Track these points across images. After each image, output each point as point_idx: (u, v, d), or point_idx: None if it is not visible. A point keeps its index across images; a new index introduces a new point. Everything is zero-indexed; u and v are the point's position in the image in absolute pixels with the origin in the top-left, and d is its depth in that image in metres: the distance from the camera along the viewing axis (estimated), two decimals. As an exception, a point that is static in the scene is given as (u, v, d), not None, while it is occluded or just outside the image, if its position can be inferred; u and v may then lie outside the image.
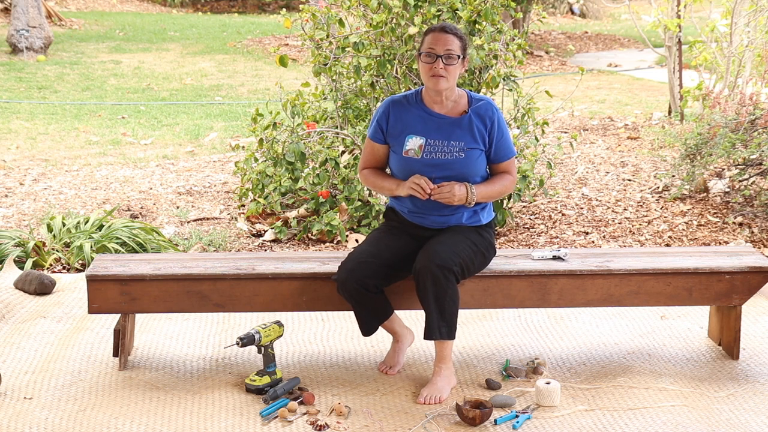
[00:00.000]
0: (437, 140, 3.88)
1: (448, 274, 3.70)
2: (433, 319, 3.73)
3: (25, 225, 6.11)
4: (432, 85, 3.84)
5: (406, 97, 3.98)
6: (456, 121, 3.89)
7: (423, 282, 3.72)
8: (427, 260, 3.72)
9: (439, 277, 3.69)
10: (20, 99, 10.99)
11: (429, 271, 3.70)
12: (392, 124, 3.94)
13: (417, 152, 3.87)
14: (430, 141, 3.87)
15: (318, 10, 6.25)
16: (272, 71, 13.41)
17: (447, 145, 3.87)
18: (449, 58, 3.81)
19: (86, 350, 4.24)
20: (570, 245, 5.80)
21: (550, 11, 20.15)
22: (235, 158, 7.79)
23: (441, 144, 3.87)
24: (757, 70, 8.19)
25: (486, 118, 3.91)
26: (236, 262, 4.09)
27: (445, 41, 3.81)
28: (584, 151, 8.14)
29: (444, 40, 3.82)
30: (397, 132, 3.93)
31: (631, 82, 12.74)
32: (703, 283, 4.03)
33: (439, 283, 3.70)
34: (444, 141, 3.87)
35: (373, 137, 3.99)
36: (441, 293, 3.71)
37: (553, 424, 3.57)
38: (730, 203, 6.38)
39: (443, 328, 3.74)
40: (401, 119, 3.93)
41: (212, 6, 23.39)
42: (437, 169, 3.87)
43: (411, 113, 3.93)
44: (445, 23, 3.95)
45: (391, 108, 3.96)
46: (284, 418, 3.58)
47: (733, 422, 3.58)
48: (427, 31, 3.89)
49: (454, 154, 3.87)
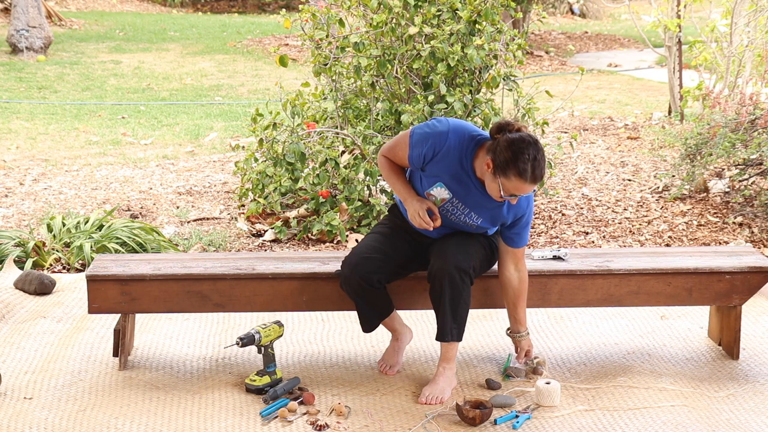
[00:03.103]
0: (461, 205, 3.74)
1: (464, 277, 3.69)
2: (447, 320, 3.73)
3: (25, 225, 6.11)
4: (493, 196, 3.61)
5: (464, 146, 3.65)
6: (490, 200, 3.68)
7: (440, 284, 3.70)
8: (444, 262, 3.70)
9: (456, 280, 3.68)
10: (20, 99, 10.98)
11: (447, 273, 3.68)
12: (435, 163, 3.69)
13: (437, 202, 3.74)
14: (454, 201, 3.74)
15: (318, 10, 6.25)
16: (272, 71, 13.41)
17: (467, 214, 3.75)
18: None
19: (86, 350, 4.24)
20: (570, 245, 5.80)
21: (550, 11, 20.14)
22: (235, 158, 7.79)
23: (462, 210, 3.75)
24: (757, 70, 8.19)
25: (518, 212, 3.76)
26: (236, 262, 4.09)
27: (528, 189, 3.55)
28: (584, 151, 8.14)
29: (528, 189, 3.55)
30: (433, 173, 3.71)
31: (631, 82, 12.74)
32: (703, 283, 4.03)
33: (456, 286, 3.69)
34: (466, 209, 3.74)
35: (413, 161, 3.71)
36: (456, 296, 3.70)
37: (553, 424, 3.57)
38: (730, 203, 6.38)
39: (454, 330, 3.75)
40: (445, 165, 3.68)
41: (212, 6, 23.38)
42: (451, 223, 3.80)
43: (457, 167, 3.67)
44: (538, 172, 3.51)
45: (444, 149, 3.65)
46: (284, 418, 3.58)
47: (733, 422, 3.58)
48: (518, 172, 3.48)
49: (468, 224, 3.78)
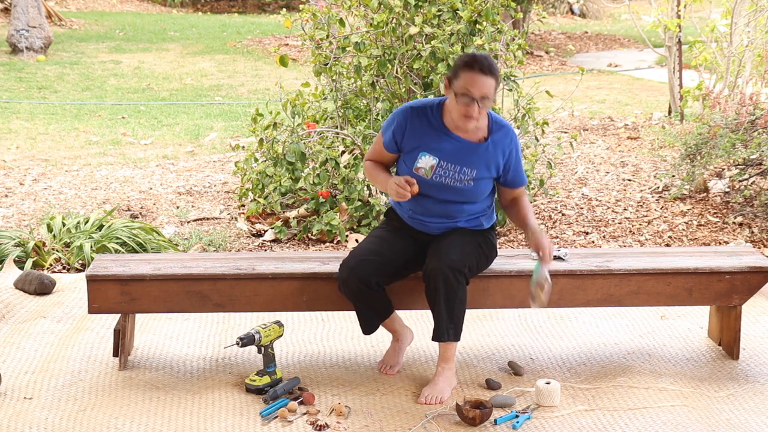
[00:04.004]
0: (450, 164, 3.75)
1: (459, 276, 3.69)
2: (442, 320, 3.73)
3: (25, 225, 6.11)
4: (461, 123, 3.68)
5: (427, 109, 3.78)
6: (474, 147, 3.75)
7: (434, 283, 3.70)
8: (438, 262, 3.70)
9: (450, 279, 3.68)
10: (20, 99, 10.98)
11: (441, 272, 3.67)
12: (408, 138, 3.78)
13: (427, 172, 3.75)
14: (442, 163, 3.75)
15: (319, 10, 6.26)
16: (272, 71, 13.41)
17: (459, 171, 3.75)
18: (484, 100, 3.63)
19: (86, 350, 4.24)
20: (570, 245, 5.80)
21: (550, 11, 20.15)
22: (235, 158, 7.79)
23: (453, 168, 3.75)
24: (757, 70, 8.19)
25: (504, 148, 3.79)
26: (236, 262, 4.08)
27: (482, 85, 3.59)
28: (584, 151, 8.14)
29: (481, 83, 3.58)
30: (411, 147, 3.79)
31: (631, 82, 12.74)
32: (703, 283, 4.03)
33: (450, 285, 3.68)
34: (457, 166, 3.75)
35: (387, 146, 3.85)
36: (451, 295, 3.69)
37: (553, 424, 3.57)
38: (730, 203, 6.38)
39: (450, 330, 3.74)
40: (417, 134, 3.77)
41: (212, 6, 23.38)
42: (444, 191, 3.79)
43: (429, 129, 3.76)
44: (484, 60, 3.59)
45: (409, 120, 3.78)
46: (284, 418, 3.58)
47: (733, 422, 3.58)
48: (463, 64, 3.60)
49: (464, 181, 3.77)
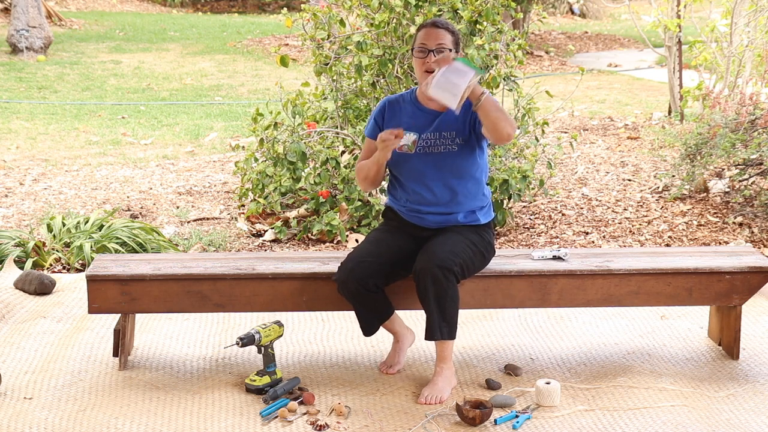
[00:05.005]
0: (429, 134, 3.90)
1: (448, 275, 3.70)
2: (434, 319, 3.73)
3: (25, 225, 6.11)
4: (425, 79, 3.83)
5: (401, 97, 4.03)
6: (446, 114, 3.90)
7: (423, 282, 3.72)
8: (427, 261, 3.72)
9: (439, 278, 3.69)
10: (20, 99, 10.98)
11: (429, 271, 3.70)
12: (387, 121, 3.97)
13: (411, 147, 3.89)
14: (423, 136, 3.90)
15: (319, 10, 6.26)
16: (272, 71, 13.41)
17: (439, 137, 3.89)
18: (440, 52, 3.82)
19: (86, 350, 4.24)
20: (570, 245, 5.79)
21: (550, 11, 20.15)
22: (235, 158, 7.79)
23: (433, 137, 3.89)
24: (757, 70, 8.19)
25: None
26: (236, 262, 4.08)
27: (437, 36, 3.83)
28: (584, 151, 8.14)
29: (435, 35, 3.83)
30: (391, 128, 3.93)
31: (631, 82, 12.74)
32: (703, 283, 4.03)
33: (440, 284, 3.69)
34: (435, 134, 3.89)
35: (371, 135, 4.01)
36: (441, 293, 3.70)
37: (553, 424, 3.57)
38: (730, 203, 6.38)
39: (444, 329, 3.74)
40: (395, 117, 3.97)
41: (212, 6, 23.39)
42: (431, 162, 3.88)
43: (405, 111, 3.97)
44: (437, 19, 3.95)
45: (386, 106, 4.01)
46: (284, 418, 3.58)
47: (733, 422, 3.58)
48: (419, 27, 3.92)
49: (447, 146, 3.88)
